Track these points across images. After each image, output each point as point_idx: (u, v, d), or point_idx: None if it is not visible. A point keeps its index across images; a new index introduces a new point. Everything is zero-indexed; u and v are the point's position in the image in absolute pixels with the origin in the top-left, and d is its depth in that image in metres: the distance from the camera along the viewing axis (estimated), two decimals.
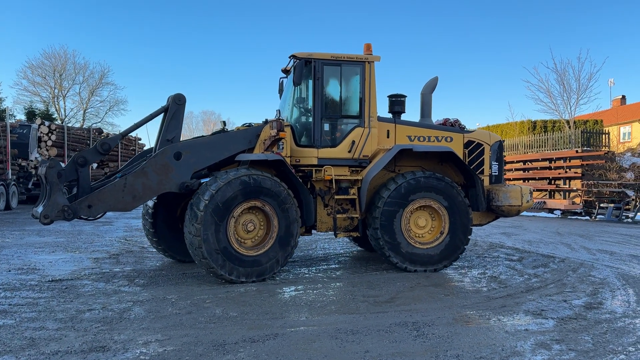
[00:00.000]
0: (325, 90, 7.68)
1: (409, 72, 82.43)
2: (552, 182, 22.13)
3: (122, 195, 6.53)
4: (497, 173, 8.52)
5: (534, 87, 37.14)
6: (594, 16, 69.57)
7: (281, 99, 8.71)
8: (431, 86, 8.69)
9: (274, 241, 6.78)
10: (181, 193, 6.88)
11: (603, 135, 24.51)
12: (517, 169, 24.35)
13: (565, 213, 20.99)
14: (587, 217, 20.13)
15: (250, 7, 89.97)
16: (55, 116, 38.62)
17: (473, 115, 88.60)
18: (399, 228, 7.44)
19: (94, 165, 22.63)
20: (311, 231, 7.84)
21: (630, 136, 36.51)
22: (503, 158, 8.75)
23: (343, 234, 7.77)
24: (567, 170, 21.26)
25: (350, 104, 7.88)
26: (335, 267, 8.06)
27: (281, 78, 8.88)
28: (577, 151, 21.48)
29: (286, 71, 8.60)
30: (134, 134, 28.81)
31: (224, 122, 7.71)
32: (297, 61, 7.44)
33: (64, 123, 35.09)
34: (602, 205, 19.84)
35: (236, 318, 5.05)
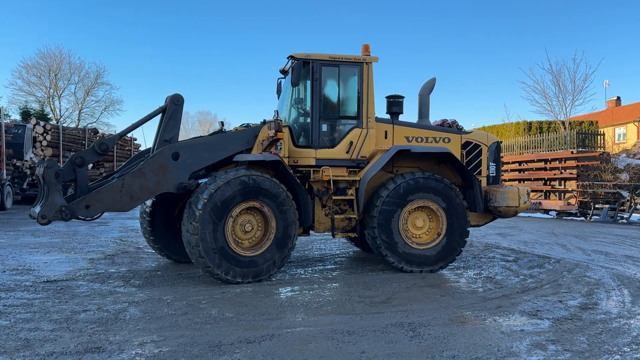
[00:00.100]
0: (323, 90, 7.68)
1: (407, 73, 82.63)
2: (548, 183, 22.21)
3: (120, 195, 6.51)
4: (495, 174, 8.55)
5: (530, 88, 37.11)
6: (590, 18, 69.94)
7: (279, 100, 8.71)
8: (429, 87, 8.71)
9: (272, 242, 6.77)
10: (179, 193, 6.87)
11: (598, 136, 24.63)
12: (513, 170, 24.42)
13: (560, 214, 21.06)
14: (583, 218, 20.20)
15: (247, 7, 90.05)
16: (50, 116, 38.40)
17: (469, 116, 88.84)
18: (397, 228, 7.44)
19: (90, 165, 22.55)
20: (309, 232, 7.83)
21: (625, 137, 36.68)
22: (500, 159, 8.78)
23: (341, 235, 7.78)
24: (563, 171, 21.34)
25: (348, 105, 7.89)
26: (331, 268, 8.06)
27: (279, 79, 8.89)
28: (573, 152, 21.56)
29: (284, 72, 8.60)
30: (130, 135, 28.72)
31: (222, 123, 7.70)
32: (295, 62, 7.45)
33: (59, 123, 34.98)
34: (597, 206, 19.92)
35: (232, 319, 5.04)
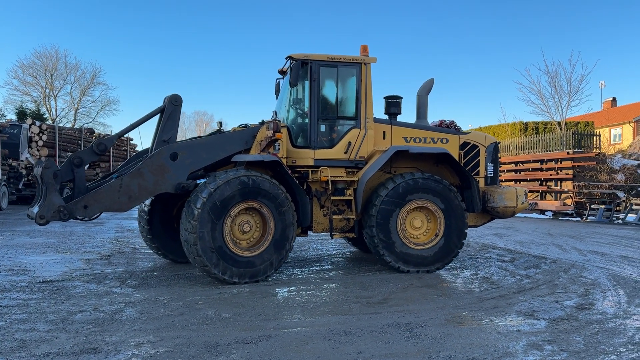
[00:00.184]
0: (321, 91, 7.68)
1: (405, 74, 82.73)
2: (544, 184, 22.27)
3: (118, 195, 6.51)
4: (493, 174, 8.57)
5: (526, 89, 37.32)
6: (586, 19, 70.25)
7: (277, 100, 8.71)
8: (427, 88, 8.72)
9: (269, 243, 6.77)
10: (177, 193, 6.86)
11: (594, 137, 24.70)
12: (509, 170, 24.47)
13: (556, 214, 21.12)
14: (578, 219, 20.26)
15: (246, 7, 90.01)
16: (46, 116, 38.28)
17: (465, 116, 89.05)
18: (395, 227, 7.45)
19: (86, 165, 22.47)
20: (307, 232, 7.84)
21: (620, 138, 36.84)
22: (498, 160, 8.80)
23: (339, 235, 7.78)
24: (559, 171, 21.39)
25: (346, 105, 7.89)
26: (328, 268, 8.06)
27: (278, 79, 8.88)
28: (569, 153, 21.61)
29: (283, 72, 8.60)
30: (126, 135, 28.64)
31: (220, 123, 7.70)
32: (294, 62, 7.45)
33: (55, 123, 34.84)
34: (593, 206, 19.98)
35: (229, 319, 5.03)
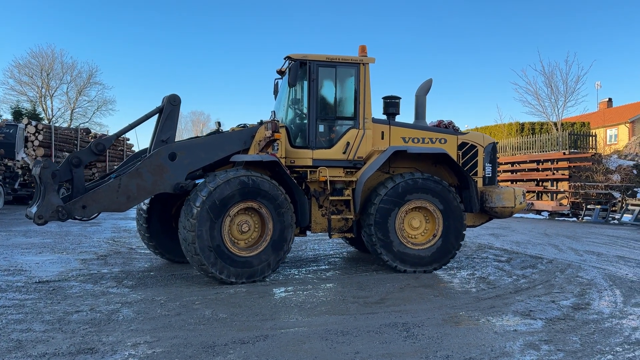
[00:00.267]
0: (320, 91, 7.69)
1: (404, 74, 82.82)
2: (540, 184, 22.33)
3: (117, 195, 6.50)
4: (491, 175, 8.59)
5: (522, 90, 37.27)
6: (582, 20, 70.53)
7: (276, 100, 8.71)
8: (425, 88, 8.74)
9: (268, 244, 6.77)
10: (176, 194, 6.86)
11: (590, 137, 24.76)
12: (505, 171, 24.53)
13: (552, 214, 21.18)
14: (575, 219, 20.33)
15: (244, 7, 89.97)
16: (42, 116, 38.13)
17: (462, 117, 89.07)
18: (393, 226, 7.46)
19: None
20: (306, 232, 7.84)
21: (616, 138, 36.95)
22: (496, 160, 8.82)
23: (337, 235, 7.79)
24: (555, 172, 21.46)
25: (345, 106, 7.90)
26: (325, 268, 8.06)
27: (276, 79, 8.88)
28: (565, 153, 21.68)
29: (281, 72, 8.60)
30: (122, 135, 28.55)
31: (219, 123, 7.69)
32: (292, 62, 7.46)
33: (51, 123, 34.76)
34: (589, 206, 20.04)
35: (226, 319, 5.03)
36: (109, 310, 5.30)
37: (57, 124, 34.59)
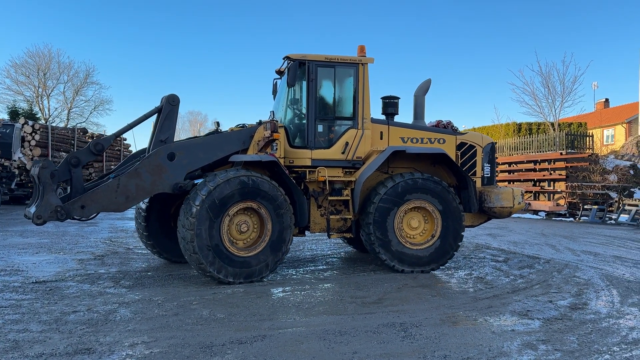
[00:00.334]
0: (319, 91, 7.69)
1: (402, 74, 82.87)
2: (537, 184, 22.38)
3: (116, 195, 6.49)
4: (489, 175, 8.60)
5: (519, 90, 37.40)
6: (579, 21, 70.65)
7: (275, 100, 8.71)
8: (424, 88, 8.74)
9: (266, 245, 6.77)
10: (174, 194, 6.85)
11: (587, 137, 24.84)
12: (503, 171, 24.57)
13: (549, 214, 21.22)
14: (571, 219, 20.38)
15: (242, 7, 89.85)
16: (39, 116, 38.01)
17: (459, 117, 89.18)
18: (392, 226, 7.47)
19: None
20: (304, 232, 7.84)
21: (613, 139, 37.07)
22: (495, 160, 8.83)
23: (336, 235, 7.80)
24: (552, 172, 21.51)
25: (343, 106, 7.91)
26: (322, 268, 8.05)
27: (275, 79, 8.89)
28: (562, 153, 21.73)
29: (280, 72, 8.61)
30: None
31: (218, 123, 7.69)
32: (291, 62, 7.45)
33: (48, 123, 34.62)
34: (586, 207, 20.10)
35: (223, 320, 5.02)
36: (107, 310, 5.29)
37: (54, 124, 34.43)
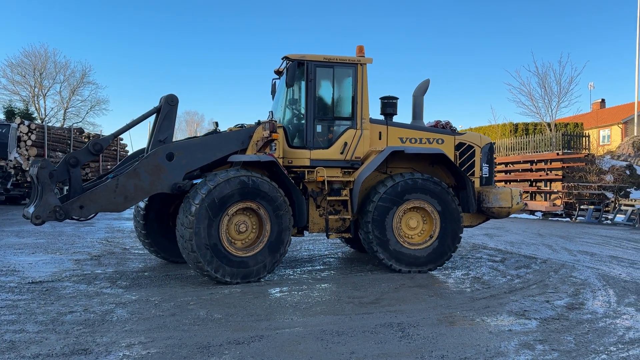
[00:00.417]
0: (317, 91, 7.70)
1: (401, 75, 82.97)
2: (534, 184, 22.42)
3: (114, 195, 6.47)
4: (488, 175, 8.61)
5: (516, 90, 37.57)
6: (576, 21, 70.96)
7: (274, 100, 8.71)
8: (423, 88, 8.74)
9: (264, 245, 6.76)
10: (173, 194, 6.84)
11: (583, 138, 24.88)
12: (499, 171, 24.58)
13: (546, 214, 21.27)
14: (568, 219, 20.42)
15: (240, 7, 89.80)
16: (35, 115, 37.87)
17: (455, 117, 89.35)
18: (390, 225, 7.47)
19: None
20: (303, 232, 7.84)
21: (609, 139, 37.20)
22: (494, 160, 8.84)
23: (335, 235, 7.80)
24: (548, 172, 21.54)
25: (342, 106, 7.91)
26: (320, 269, 8.05)
27: (274, 79, 8.89)
28: (558, 154, 21.76)
29: (279, 72, 8.60)
30: None
31: (216, 123, 7.68)
32: (290, 62, 7.45)
33: (44, 122, 34.51)
34: (582, 207, 20.15)
35: (221, 320, 5.01)
36: (103, 310, 5.27)
37: (50, 124, 34.39)
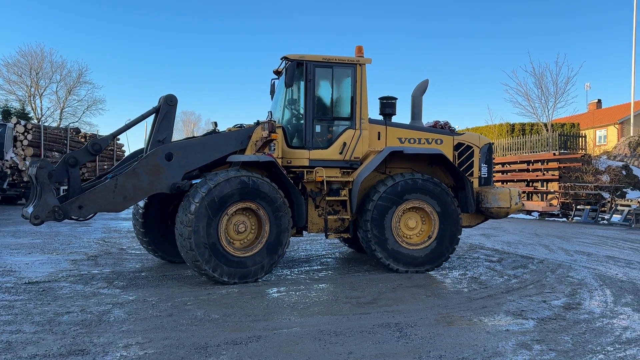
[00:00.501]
0: (316, 92, 7.70)
1: (400, 75, 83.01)
2: (530, 184, 22.47)
3: (113, 195, 6.47)
4: (487, 175, 8.63)
5: (513, 91, 37.60)
6: (572, 22, 71.12)
7: (273, 101, 8.70)
8: (422, 88, 8.75)
9: (263, 246, 6.76)
10: (172, 194, 6.83)
11: (580, 138, 24.96)
12: (496, 171, 24.64)
13: (543, 215, 21.32)
14: (564, 219, 20.47)
15: (240, 7, 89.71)
16: (31, 115, 37.78)
17: (452, 117, 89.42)
18: (389, 224, 7.48)
19: None
20: (302, 232, 7.84)
21: (605, 139, 37.27)
22: (492, 160, 8.86)
23: (334, 235, 7.80)
24: (545, 172, 21.60)
25: (341, 106, 7.92)
26: (317, 269, 8.05)
27: (273, 79, 8.89)
28: (555, 154, 21.82)
29: (278, 73, 8.60)
30: None
31: (215, 123, 7.67)
32: (289, 63, 7.45)
33: (41, 122, 34.41)
34: (579, 207, 20.20)
35: (218, 320, 5.00)
36: (100, 311, 5.25)
37: (47, 124, 34.22)
